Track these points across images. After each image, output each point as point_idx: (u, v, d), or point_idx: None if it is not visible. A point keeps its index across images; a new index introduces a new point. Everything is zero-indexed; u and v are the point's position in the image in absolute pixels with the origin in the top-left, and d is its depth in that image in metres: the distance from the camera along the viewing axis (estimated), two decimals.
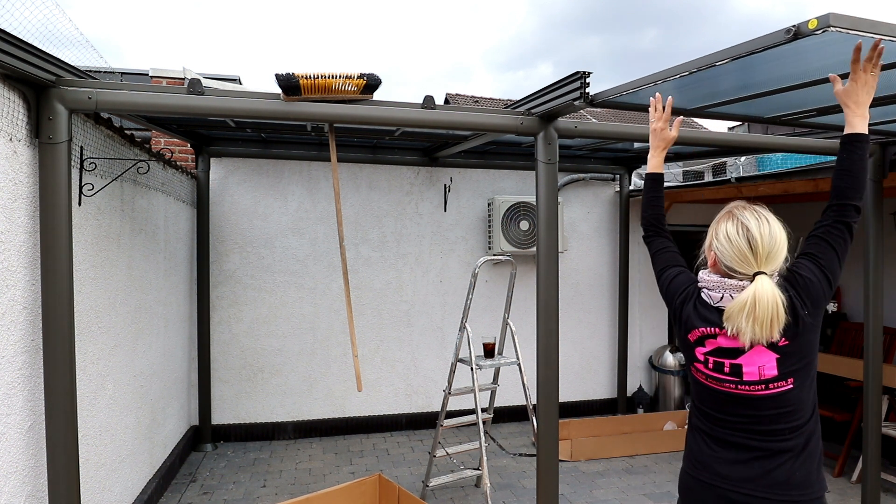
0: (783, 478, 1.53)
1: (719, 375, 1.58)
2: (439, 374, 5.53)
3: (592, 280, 6.05)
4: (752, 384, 1.54)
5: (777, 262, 1.54)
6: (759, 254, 1.52)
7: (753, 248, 1.52)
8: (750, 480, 1.54)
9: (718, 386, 1.59)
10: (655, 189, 1.96)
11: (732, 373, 1.56)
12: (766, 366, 1.53)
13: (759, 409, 1.55)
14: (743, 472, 1.56)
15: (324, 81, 2.65)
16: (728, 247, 1.56)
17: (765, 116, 3.12)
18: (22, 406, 2.29)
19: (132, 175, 3.41)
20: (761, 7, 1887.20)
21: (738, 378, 1.55)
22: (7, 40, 2.03)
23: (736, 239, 1.55)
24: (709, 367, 1.60)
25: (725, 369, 1.57)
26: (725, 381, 1.57)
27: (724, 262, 1.58)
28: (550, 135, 3.08)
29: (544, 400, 3.11)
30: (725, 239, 1.58)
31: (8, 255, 2.18)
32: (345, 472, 4.46)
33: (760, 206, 1.61)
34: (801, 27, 1.73)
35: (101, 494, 3.01)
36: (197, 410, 4.91)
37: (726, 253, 1.57)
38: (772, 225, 1.55)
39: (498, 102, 14.98)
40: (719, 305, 1.59)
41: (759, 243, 1.52)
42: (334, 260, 5.28)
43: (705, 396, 1.65)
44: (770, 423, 1.55)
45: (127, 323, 3.38)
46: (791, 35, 1.76)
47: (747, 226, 1.55)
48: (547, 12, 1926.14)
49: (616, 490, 4.18)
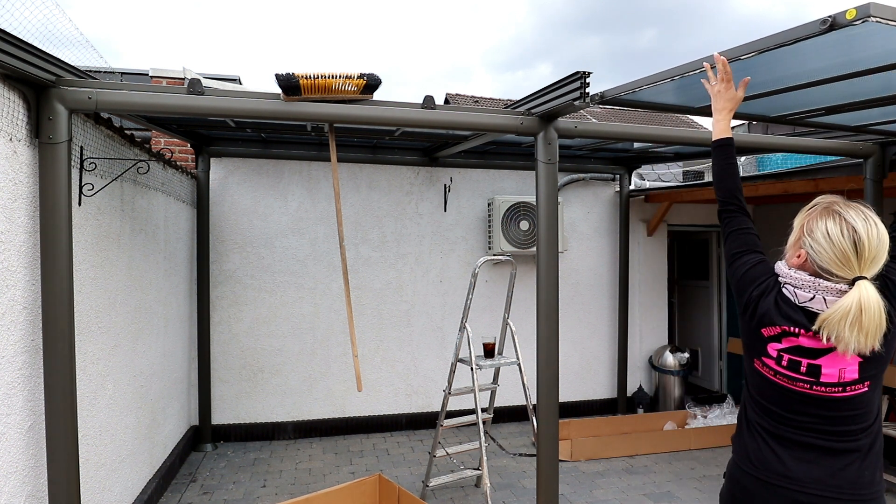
0: (853, 477, 1.49)
1: (793, 374, 1.51)
2: (439, 374, 5.53)
3: (592, 280, 6.05)
4: (829, 386, 1.48)
5: (878, 267, 1.44)
6: (865, 257, 1.42)
7: (859, 251, 1.42)
8: (818, 481, 1.49)
9: (789, 384, 1.52)
10: (728, 156, 1.79)
11: (809, 373, 1.49)
12: (847, 369, 1.46)
13: (832, 410, 1.49)
14: (810, 472, 1.50)
15: (324, 81, 2.65)
16: (828, 247, 1.45)
17: (770, 116, 3.11)
18: (22, 406, 2.29)
19: (132, 175, 3.42)
20: (760, 7, 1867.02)
21: (814, 379, 1.48)
22: (7, 40, 2.03)
23: (839, 240, 1.43)
24: (782, 364, 1.52)
25: (802, 368, 1.49)
26: (799, 380, 1.50)
27: (818, 262, 1.47)
28: (550, 135, 3.08)
29: (544, 400, 3.11)
30: (825, 238, 1.46)
31: (8, 255, 2.18)
32: (345, 472, 4.46)
33: (863, 204, 1.51)
34: (838, 17, 1.67)
35: (101, 494, 3.01)
36: (197, 410, 4.91)
37: (824, 254, 1.46)
38: (879, 227, 1.44)
39: (498, 102, 14.98)
40: (806, 306, 1.49)
41: (867, 246, 1.41)
42: (334, 260, 5.29)
43: (770, 393, 1.57)
44: (843, 425, 1.50)
45: (127, 323, 3.38)
46: (827, 26, 1.71)
47: (854, 226, 1.43)
48: (546, 13, 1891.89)
49: (616, 490, 4.18)
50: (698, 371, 7.13)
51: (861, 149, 3.64)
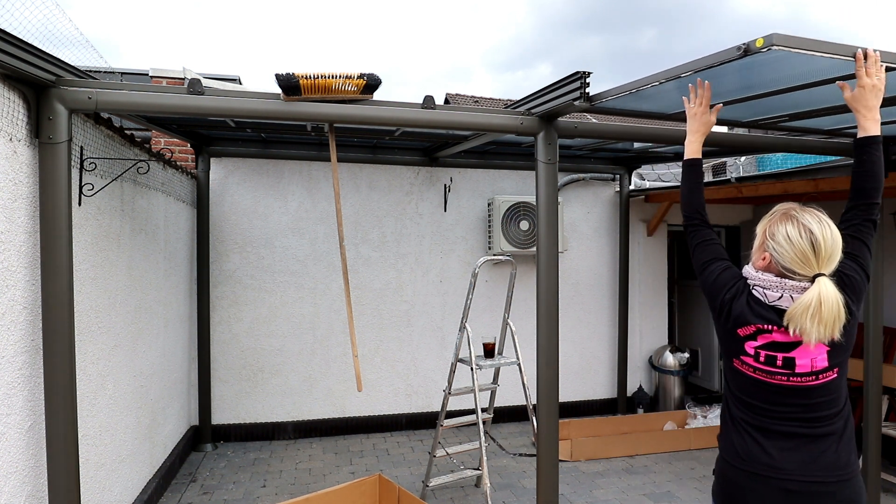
0: (831, 459, 1.60)
1: (770, 368, 1.63)
2: (439, 374, 5.53)
3: (592, 280, 6.05)
4: (803, 376, 1.61)
5: (834, 264, 1.60)
6: (822, 256, 1.57)
7: (816, 251, 1.57)
8: (802, 465, 1.60)
9: (768, 378, 1.63)
10: (698, 175, 1.95)
11: (785, 365, 1.61)
12: (817, 358, 1.60)
13: (808, 398, 1.61)
14: (794, 458, 1.61)
15: (324, 81, 2.65)
16: (789, 248, 1.60)
17: (742, 120, 3.21)
18: (22, 406, 2.29)
19: (132, 175, 3.41)
20: (760, 7, 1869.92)
21: (790, 370, 1.61)
22: (7, 40, 2.03)
23: (798, 241, 1.59)
24: (759, 361, 1.64)
25: (778, 362, 1.62)
26: (777, 373, 1.62)
27: (781, 263, 1.62)
28: (550, 135, 3.08)
29: (544, 400, 3.11)
30: (785, 240, 1.61)
31: (8, 255, 2.18)
32: (345, 472, 4.46)
33: (817, 209, 1.65)
34: (751, 45, 1.92)
35: (101, 494, 3.01)
36: (197, 410, 4.91)
37: (786, 255, 1.60)
38: (832, 228, 1.60)
39: (498, 102, 14.97)
40: (776, 304, 1.63)
41: (822, 246, 1.57)
42: (334, 260, 5.28)
43: (751, 388, 1.67)
44: (817, 410, 1.62)
45: (127, 323, 3.38)
46: (742, 52, 1.95)
47: (810, 228, 1.59)
48: (546, 13, 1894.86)
49: (616, 490, 4.18)
50: (698, 371, 7.13)
51: None
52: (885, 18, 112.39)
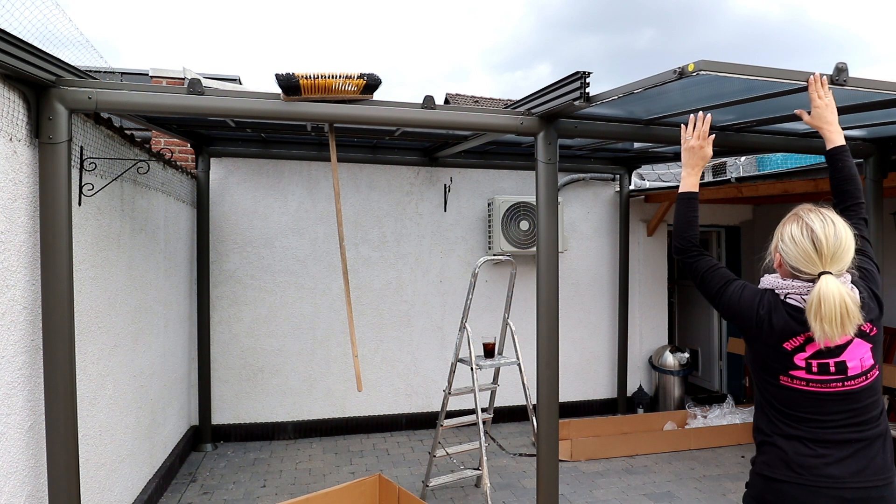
0: (880, 463, 1.60)
1: (825, 377, 1.59)
2: (439, 374, 5.53)
3: (592, 280, 6.05)
4: (856, 378, 1.59)
5: (844, 262, 1.58)
6: (825, 254, 1.57)
7: (818, 249, 1.57)
8: (859, 473, 1.58)
9: (824, 388, 1.60)
10: (694, 209, 1.91)
11: (839, 371, 1.59)
12: (864, 357, 1.60)
13: (859, 400, 1.60)
14: (851, 467, 1.59)
15: (324, 81, 2.65)
16: (793, 248, 1.62)
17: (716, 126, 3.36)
18: (22, 406, 2.29)
19: (132, 175, 3.41)
20: (758, 7, 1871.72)
21: (843, 375, 1.59)
22: (7, 40, 2.03)
23: (801, 240, 1.60)
24: (812, 371, 1.60)
25: (831, 369, 1.59)
26: (832, 380, 1.59)
27: (789, 262, 1.63)
28: (550, 135, 3.08)
29: (544, 400, 3.11)
30: (790, 240, 1.63)
31: (8, 255, 2.18)
32: (345, 472, 4.46)
33: (826, 208, 1.66)
34: (684, 69, 2.19)
35: (101, 494, 3.01)
36: (197, 410, 4.91)
37: (791, 254, 1.62)
38: (837, 226, 1.59)
39: (498, 102, 14.97)
40: None
41: (824, 244, 1.57)
42: (334, 260, 5.28)
43: (802, 401, 1.63)
44: (867, 413, 1.61)
45: (127, 323, 3.38)
46: (678, 75, 2.22)
47: (812, 227, 1.60)
48: (544, 13, 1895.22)
49: (616, 490, 4.18)
50: (698, 371, 7.13)
51: (861, 149, 3.64)
52: (885, 18, 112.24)
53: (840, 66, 2.32)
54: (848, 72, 2.32)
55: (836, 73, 2.33)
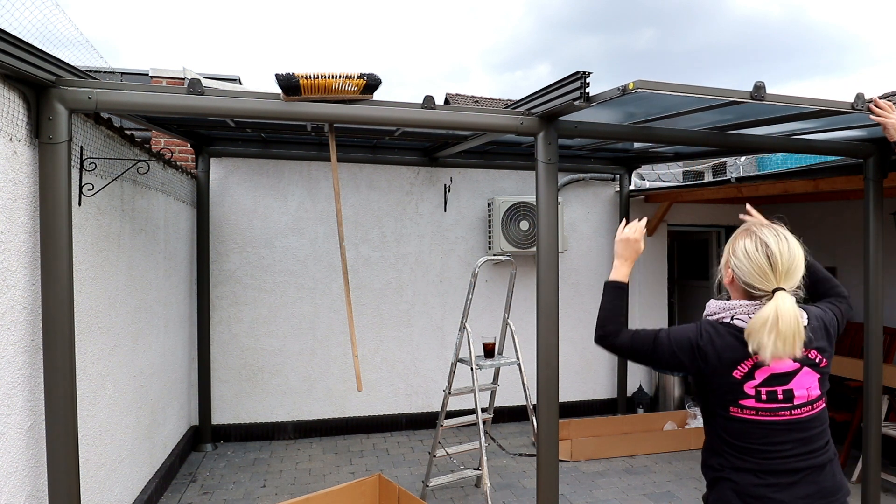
0: (832, 484, 1.60)
1: (774, 405, 1.58)
2: (439, 374, 5.53)
3: (592, 280, 6.05)
4: (802, 406, 1.58)
5: (795, 279, 1.56)
6: (779, 270, 1.55)
7: (773, 265, 1.55)
8: (809, 497, 1.57)
9: (772, 416, 1.58)
10: (622, 299, 1.83)
11: (786, 399, 1.57)
12: (811, 386, 1.58)
13: (806, 430, 1.59)
14: (801, 491, 1.58)
15: (324, 81, 2.65)
16: (747, 263, 1.59)
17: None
18: (22, 406, 2.29)
19: (132, 175, 3.41)
20: (758, 7, 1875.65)
21: (790, 403, 1.57)
22: (7, 40, 2.03)
23: (755, 255, 1.57)
24: (762, 400, 1.58)
25: (779, 396, 1.57)
26: (781, 408, 1.57)
27: (742, 278, 1.60)
28: (550, 135, 3.08)
29: (544, 400, 3.10)
30: (744, 255, 1.60)
31: (8, 255, 2.18)
32: (345, 472, 4.46)
33: (778, 224, 1.65)
34: (626, 87, 2.48)
35: (101, 494, 3.01)
36: (197, 410, 4.91)
37: (745, 269, 1.59)
38: (790, 242, 1.58)
39: (498, 102, 14.96)
40: None
41: (779, 260, 1.55)
42: (334, 260, 5.28)
43: (751, 431, 1.60)
44: (814, 442, 1.60)
45: (127, 323, 3.38)
46: (621, 92, 2.50)
47: (766, 242, 1.57)
48: (543, 13, 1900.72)
49: (616, 490, 4.18)
50: None
51: (861, 149, 3.64)
52: (885, 18, 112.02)
53: (758, 85, 2.64)
54: (765, 89, 2.65)
55: (754, 90, 2.65)
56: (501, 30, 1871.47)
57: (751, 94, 2.65)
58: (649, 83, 2.44)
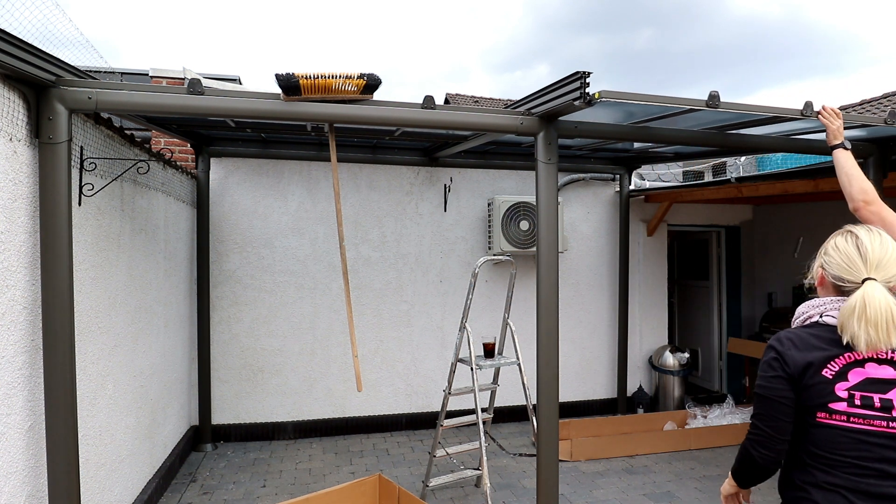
0: None
1: (868, 411, 1.43)
2: (439, 374, 5.53)
3: (592, 280, 6.05)
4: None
5: (888, 272, 1.48)
6: (870, 260, 1.49)
7: (862, 255, 1.50)
8: None
9: (866, 424, 1.43)
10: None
11: (883, 408, 1.43)
12: None
13: None
14: None
15: (324, 81, 2.65)
16: (836, 255, 1.55)
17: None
18: (22, 406, 2.29)
19: (132, 175, 3.41)
20: (757, 7, 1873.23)
21: (889, 414, 1.43)
22: (7, 40, 2.03)
23: (845, 247, 1.54)
24: (854, 404, 1.44)
25: (876, 404, 1.43)
26: (876, 417, 1.43)
27: (831, 272, 1.55)
28: (550, 135, 3.08)
29: (544, 400, 3.11)
30: (834, 249, 1.57)
31: (8, 255, 2.18)
32: (345, 472, 4.46)
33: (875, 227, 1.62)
34: (592, 97, 2.62)
35: (101, 494, 3.01)
36: (197, 410, 4.91)
37: (833, 262, 1.55)
38: (883, 237, 1.54)
39: (498, 102, 14.96)
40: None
41: (869, 250, 1.50)
42: (334, 260, 5.28)
43: (842, 442, 1.45)
44: None
45: (127, 323, 3.38)
46: (586, 102, 2.62)
47: (857, 235, 1.55)
48: (542, 13, 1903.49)
49: (616, 490, 4.18)
50: (698, 371, 7.13)
51: (861, 149, 3.64)
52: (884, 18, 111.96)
53: (713, 94, 2.83)
54: (720, 98, 2.84)
55: (709, 99, 2.83)
56: (501, 30, 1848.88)
57: (706, 103, 2.83)
58: (613, 93, 2.65)
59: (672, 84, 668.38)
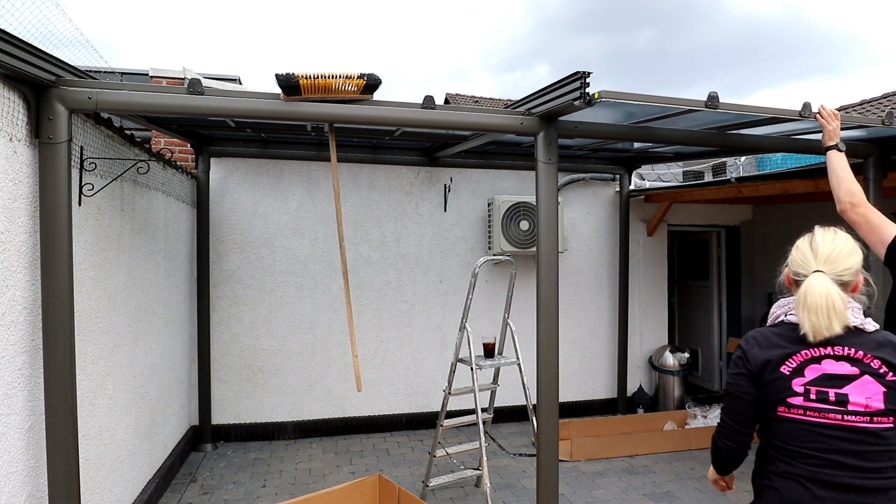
0: None
1: (823, 405, 1.53)
2: (439, 374, 5.53)
3: (592, 280, 6.05)
4: (857, 414, 1.51)
5: (836, 266, 1.59)
6: (819, 255, 1.62)
7: (814, 250, 1.63)
8: None
9: (821, 417, 1.53)
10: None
11: (838, 402, 1.52)
12: (872, 397, 1.51)
13: (862, 442, 1.51)
14: None
15: (324, 81, 2.65)
16: (796, 254, 1.69)
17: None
18: (22, 406, 2.29)
19: (132, 175, 3.42)
20: (757, 7, 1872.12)
21: (843, 407, 1.52)
22: (7, 40, 2.03)
23: (802, 245, 1.68)
24: (810, 399, 1.54)
25: (831, 398, 1.53)
26: (830, 410, 1.52)
27: (792, 269, 1.69)
28: (550, 135, 3.08)
29: (544, 400, 3.11)
30: (795, 249, 1.71)
31: (8, 255, 2.18)
32: (345, 472, 4.46)
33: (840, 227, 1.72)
34: (592, 97, 2.63)
35: (101, 494, 3.01)
36: (197, 410, 4.91)
37: (793, 260, 1.69)
38: (838, 234, 1.65)
39: (498, 102, 14.96)
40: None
41: (821, 245, 1.63)
42: (334, 260, 5.29)
43: (800, 434, 1.55)
44: (873, 460, 1.50)
45: (127, 323, 3.38)
46: (586, 102, 2.63)
47: (814, 233, 1.68)
48: (542, 13, 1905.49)
49: (616, 490, 4.18)
50: (698, 371, 7.13)
51: (861, 149, 3.64)
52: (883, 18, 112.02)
53: (712, 95, 2.84)
54: (718, 98, 2.85)
55: (708, 100, 2.85)
56: (501, 30, 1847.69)
57: (705, 104, 2.85)
58: (613, 93, 2.66)
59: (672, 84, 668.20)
